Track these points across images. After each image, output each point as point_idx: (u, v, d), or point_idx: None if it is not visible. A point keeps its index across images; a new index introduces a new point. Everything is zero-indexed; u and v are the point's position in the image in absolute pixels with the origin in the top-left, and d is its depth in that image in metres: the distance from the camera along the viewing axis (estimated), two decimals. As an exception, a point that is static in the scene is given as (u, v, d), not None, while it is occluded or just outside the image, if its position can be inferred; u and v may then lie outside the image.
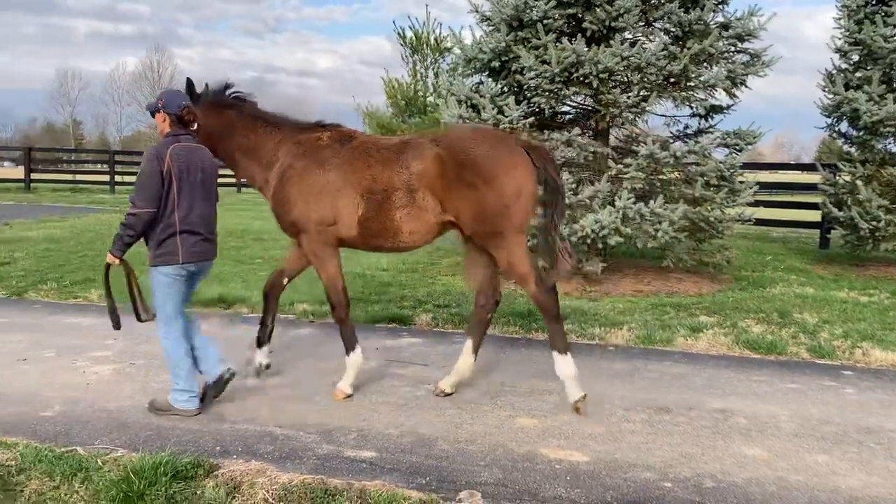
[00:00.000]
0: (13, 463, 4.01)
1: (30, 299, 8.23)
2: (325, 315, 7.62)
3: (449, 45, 17.47)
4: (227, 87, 5.44)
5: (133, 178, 29.42)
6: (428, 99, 17.75)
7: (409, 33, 17.73)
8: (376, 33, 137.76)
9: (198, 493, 3.74)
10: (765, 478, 3.97)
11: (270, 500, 3.69)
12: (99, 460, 4.02)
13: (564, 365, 4.92)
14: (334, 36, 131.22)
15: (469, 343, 5.32)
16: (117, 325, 4.88)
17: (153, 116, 4.93)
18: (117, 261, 4.73)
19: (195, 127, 4.98)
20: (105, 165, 28.98)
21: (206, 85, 5.41)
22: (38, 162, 29.04)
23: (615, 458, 4.20)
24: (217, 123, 5.30)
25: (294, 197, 5.13)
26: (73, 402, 4.95)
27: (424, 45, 17.59)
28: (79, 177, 31.24)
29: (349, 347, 5.31)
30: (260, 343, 5.62)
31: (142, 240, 4.74)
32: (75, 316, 7.45)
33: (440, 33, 17.70)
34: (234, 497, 3.72)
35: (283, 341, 6.59)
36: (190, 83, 5.27)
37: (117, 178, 26.95)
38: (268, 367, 5.62)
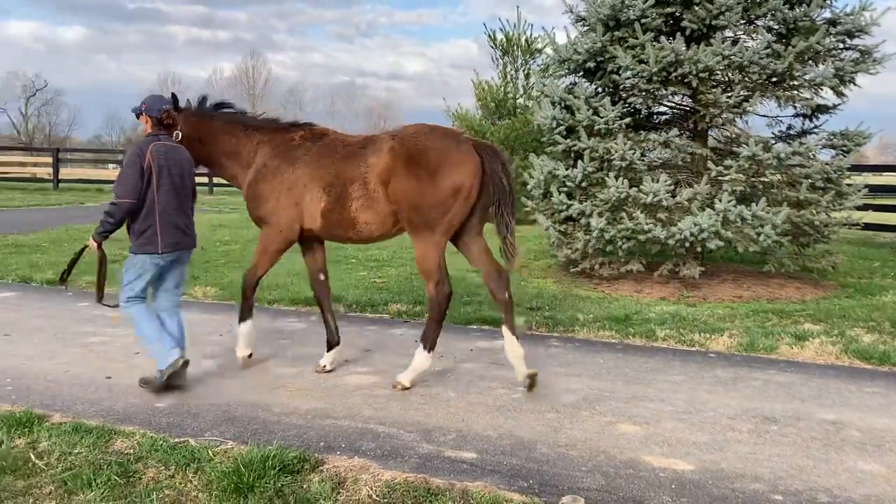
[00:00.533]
0: (132, 451, 4.19)
1: (139, 295, 8.61)
2: (419, 315, 7.70)
3: (539, 46, 17.40)
4: (205, 99, 6.01)
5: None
6: (518, 101, 17.67)
7: (500, 35, 17.70)
8: (465, 36, 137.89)
9: (304, 486, 3.83)
10: (885, 495, 3.78)
11: (374, 496, 3.74)
12: (210, 451, 4.17)
13: (423, 359, 5.35)
14: (424, 39, 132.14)
15: (506, 329, 5.40)
16: (100, 300, 5.45)
17: (137, 118, 5.41)
18: (96, 246, 5.20)
19: (179, 132, 5.59)
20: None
21: (201, 99, 6.02)
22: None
23: (721, 467, 4.08)
24: (201, 131, 5.79)
25: (268, 193, 5.56)
26: (184, 394, 5.15)
27: (515, 47, 17.53)
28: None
29: (241, 320, 5.74)
30: (329, 346, 5.86)
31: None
32: (185, 311, 7.74)
33: (531, 35, 17.61)
34: (338, 492, 3.79)
35: (378, 341, 6.69)
36: (174, 97, 5.77)
37: (215, 179, 27.89)
38: (331, 370, 5.79)
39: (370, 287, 9.24)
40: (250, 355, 5.74)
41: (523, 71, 17.74)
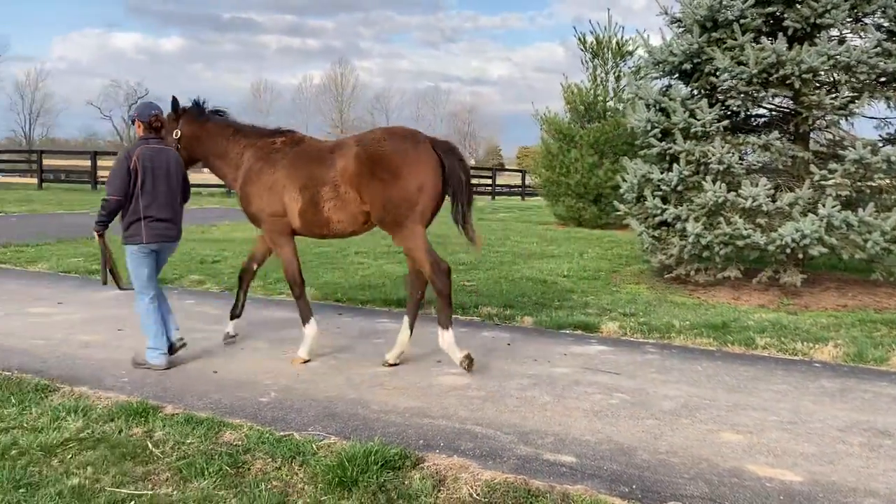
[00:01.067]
0: (240, 443, 4.36)
1: (239, 294, 8.92)
2: (509, 319, 7.71)
3: (630, 48, 17.17)
4: (201, 103, 6.55)
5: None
6: (608, 103, 17.48)
7: (590, 38, 17.55)
8: (550, 40, 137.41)
9: (405, 483, 3.90)
10: None
11: (475, 495, 3.78)
12: (314, 445, 4.29)
13: (446, 338, 5.77)
14: (509, 43, 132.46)
15: (407, 317, 6.10)
16: (104, 282, 6.06)
17: (133, 124, 6.03)
18: (97, 235, 5.84)
19: (180, 131, 6.35)
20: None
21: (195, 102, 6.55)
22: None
23: (832, 480, 3.94)
24: (195, 132, 6.39)
25: (253, 195, 6.08)
26: (286, 390, 5.32)
27: (605, 50, 17.35)
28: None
29: (305, 320, 6.09)
30: (232, 316, 6.59)
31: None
32: (280, 311, 8.01)
33: (622, 37, 17.40)
34: (439, 490, 3.84)
35: (470, 344, 6.73)
36: (174, 100, 6.46)
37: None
38: (234, 336, 6.58)
39: (459, 290, 9.30)
40: (306, 361, 6.02)
41: (613, 73, 17.54)
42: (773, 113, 9.92)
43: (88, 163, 30.74)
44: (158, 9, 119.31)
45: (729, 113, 9.53)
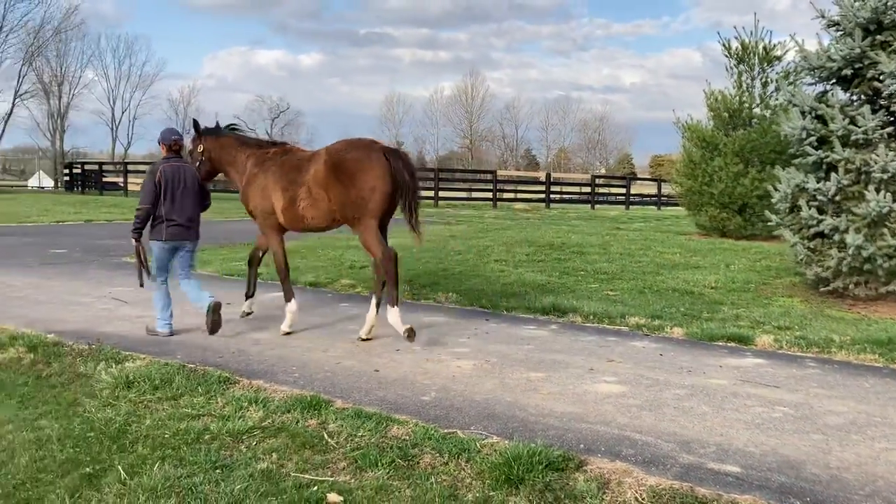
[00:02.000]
0: (408, 438, 4.60)
1: (389, 299, 9.29)
2: (658, 329, 7.65)
3: (779, 53, 16.52)
4: (219, 124, 7.90)
5: (455, 194, 31.62)
6: (754, 110, 16.87)
7: (735, 43, 17.00)
8: (685, 45, 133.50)
9: (570, 484, 4.00)
10: None
11: (640, 499, 3.83)
12: (477, 443, 4.47)
13: (393, 314, 6.69)
14: (641, 50, 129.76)
15: (374, 298, 7.12)
16: (141, 285, 7.14)
17: (160, 145, 7.26)
18: (135, 241, 6.99)
19: (202, 145, 7.64)
20: (429, 182, 31.55)
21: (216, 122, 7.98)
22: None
23: None
24: (214, 146, 7.66)
25: (250, 196, 7.29)
26: (445, 390, 5.54)
27: (751, 55, 16.76)
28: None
29: (287, 300, 7.31)
30: (247, 297, 7.81)
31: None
32: (429, 315, 8.28)
33: (769, 42, 16.76)
34: (604, 493, 3.92)
35: (622, 352, 6.74)
36: (195, 122, 7.93)
37: (440, 192, 29.25)
38: (250, 313, 7.77)
39: (604, 298, 9.30)
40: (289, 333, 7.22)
41: (760, 79, 16.92)
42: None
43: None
44: (299, 26, 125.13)
45: (893, 119, 9.05)
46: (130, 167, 40.36)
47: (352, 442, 4.55)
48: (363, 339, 6.95)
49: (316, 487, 3.98)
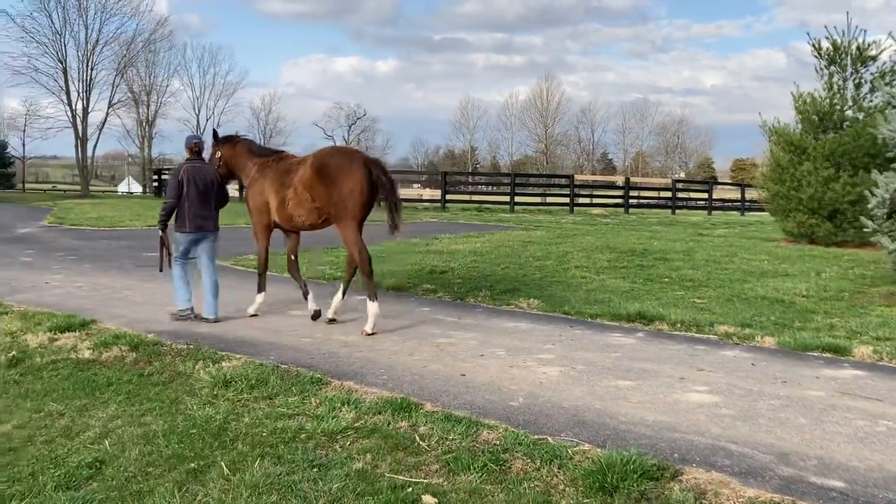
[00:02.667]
0: (499, 442, 4.62)
1: (470, 303, 9.35)
2: (749, 338, 7.46)
3: (873, 52, 15.90)
4: (237, 134, 8.95)
5: (530, 199, 31.53)
6: (846, 112, 16.26)
7: (826, 43, 16.41)
8: (769, 46, 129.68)
9: (665, 493, 3.95)
10: None
11: (739, 512, 3.75)
12: (569, 450, 4.46)
13: (372, 306, 7.47)
14: (723, 52, 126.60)
15: (343, 284, 8.16)
16: (160, 269, 8.28)
17: (186, 149, 8.31)
18: (161, 231, 8.08)
19: (219, 155, 8.60)
20: (505, 187, 31.57)
21: (237, 132, 9.14)
22: (450, 184, 32.72)
23: None
24: (229, 153, 8.62)
25: (252, 197, 8.23)
26: (532, 396, 5.55)
27: (844, 55, 16.16)
28: (483, 197, 34.55)
29: (259, 291, 8.44)
30: (305, 296, 8.28)
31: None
32: (512, 321, 8.29)
33: (863, 41, 16.12)
34: (700, 503, 3.86)
35: (712, 361, 6.61)
36: (214, 132, 9.11)
37: (517, 198, 29.18)
38: (319, 309, 8.13)
39: (690, 306, 9.12)
40: (317, 312, 8.08)
41: (853, 80, 16.29)
42: None
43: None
44: (376, 33, 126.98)
45: None
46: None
47: (443, 445, 4.60)
48: (329, 321, 8.00)
49: (411, 489, 4.04)
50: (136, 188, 72.68)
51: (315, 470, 4.24)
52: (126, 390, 5.68)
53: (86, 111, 46.65)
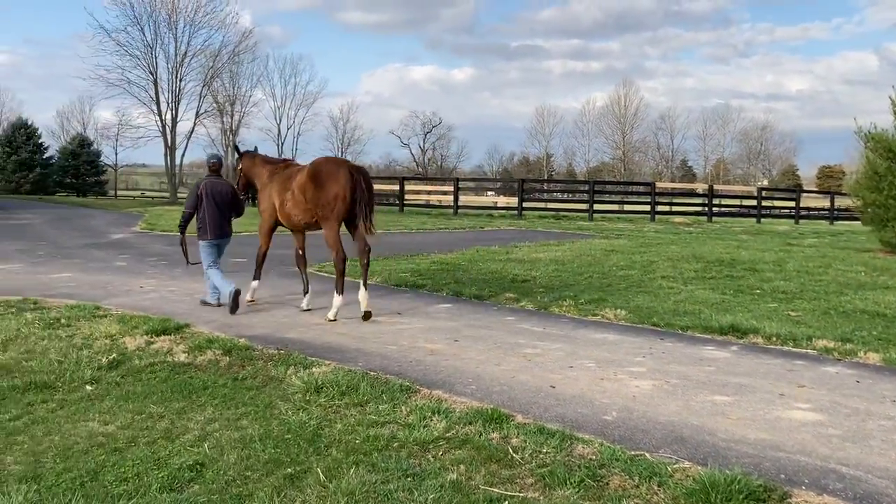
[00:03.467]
0: (594, 457, 4.52)
1: (555, 313, 9.23)
2: (850, 354, 7.12)
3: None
4: (256, 148, 10.25)
5: (608, 207, 31.10)
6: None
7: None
8: (860, 48, 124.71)
9: (774, 517, 3.78)
10: None
11: (856, 539, 3.56)
12: (668, 468, 4.32)
13: (337, 298, 8.50)
14: (810, 55, 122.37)
15: (361, 283, 8.65)
16: (188, 263, 9.57)
17: (206, 165, 9.78)
18: (180, 234, 9.52)
19: (240, 168, 9.85)
20: (583, 195, 31.20)
21: (255, 147, 10.35)
22: (526, 191, 32.56)
23: None
24: (249, 165, 9.76)
25: (262, 199, 9.42)
26: (626, 410, 5.41)
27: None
28: (559, 204, 34.23)
29: (254, 278, 9.62)
30: (305, 293, 9.31)
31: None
32: (599, 332, 8.14)
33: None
34: (813, 528, 3.68)
35: (813, 378, 6.33)
36: (236, 147, 10.71)
37: (595, 206, 28.78)
38: (309, 309, 9.05)
39: (785, 319, 8.78)
40: (251, 301, 9.39)
41: (958, 83, 15.42)
42: None
43: (396, 187, 33.64)
44: (453, 41, 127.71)
45: None
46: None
47: (537, 458, 4.53)
48: (304, 310, 9.00)
49: (507, 502, 3.99)
50: (220, 195, 74.74)
51: (409, 479, 4.23)
52: (221, 394, 5.81)
53: (174, 121, 48.35)
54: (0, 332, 7.71)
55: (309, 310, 9.01)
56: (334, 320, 8.39)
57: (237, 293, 8.78)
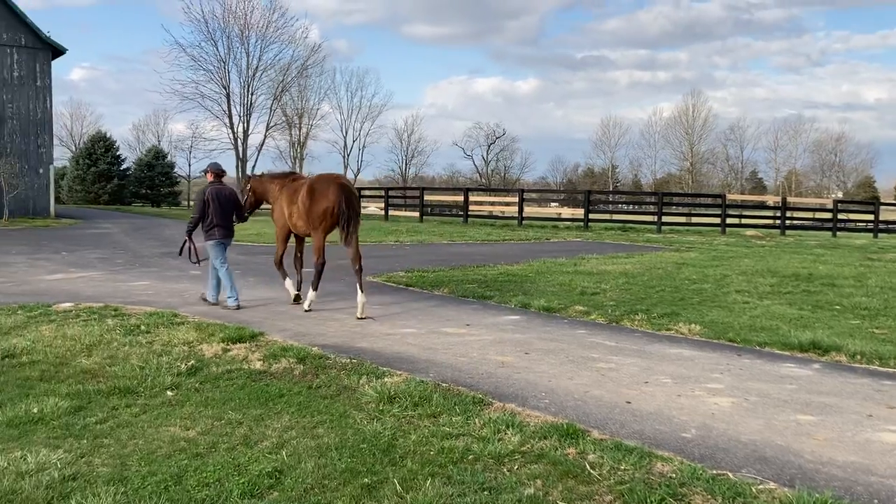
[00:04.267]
0: (674, 476, 4.41)
1: (626, 327, 9.08)
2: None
3: None
4: (263, 174, 11.70)
5: (676, 219, 30.47)
6: None
7: None
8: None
9: (868, 544, 3.62)
10: None
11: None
12: (753, 489, 4.19)
13: (311, 293, 9.79)
14: (889, 63, 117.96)
15: (358, 286, 9.52)
16: (197, 261, 10.34)
17: (205, 174, 10.66)
18: (187, 236, 10.33)
19: (249, 188, 11.03)
20: (648, 206, 30.68)
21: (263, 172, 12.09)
22: (592, 203, 32.19)
23: None
24: (257, 184, 11.06)
25: (275, 210, 10.57)
26: (706, 427, 5.27)
27: None
28: (625, 216, 33.76)
29: (283, 278, 10.79)
30: (298, 288, 10.60)
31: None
32: (673, 347, 7.97)
33: None
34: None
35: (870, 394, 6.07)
36: (246, 175, 13.00)
37: (664, 217, 28.26)
38: (302, 301, 10.16)
39: (869, 337, 8.45)
40: (297, 297, 10.44)
41: None
42: None
43: (460, 198, 33.69)
44: (518, 53, 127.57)
45: None
46: (366, 192, 43.15)
47: (615, 475, 4.45)
48: (360, 318, 9.35)
49: (585, 519, 3.92)
50: (286, 206, 76.28)
51: (486, 493, 4.20)
52: (297, 402, 5.89)
53: (246, 133, 49.46)
54: (84, 338, 7.99)
55: (309, 309, 9.82)
56: (309, 310, 9.71)
57: (238, 307, 9.87)
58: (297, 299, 10.34)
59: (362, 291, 9.46)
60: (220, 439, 5.10)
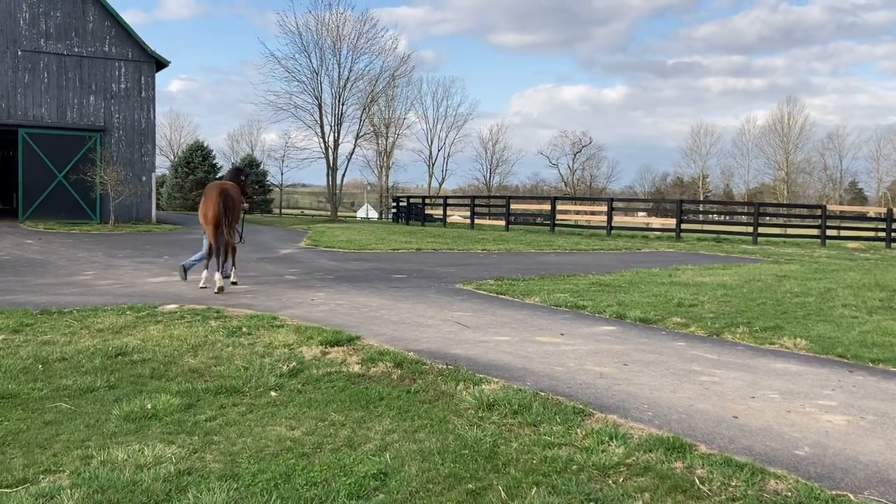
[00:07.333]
0: (790, 494, 4.23)
1: (728, 340, 8.80)
2: None
3: None
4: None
5: (771, 230, 29.39)
6: None
7: None
8: None
9: None
10: None
11: None
12: (878, 512, 3.98)
13: (205, 273, 12.65)
14: None
15: (219, 269, 12.26)
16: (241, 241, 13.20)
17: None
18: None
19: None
20: (740, 217, 29.73)
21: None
22: (684, 213, 31.44)
23: None
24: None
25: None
26: (820, 446, 5.05)
27: None
28: (717, 227, 32.82)
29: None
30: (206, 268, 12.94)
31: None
32: (779, 361, 7.67)
33: None
34: None
35: None
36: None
37: (760, 229, 27.36)
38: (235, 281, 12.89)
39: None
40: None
41: None
42: None
43: (547, 207, 33.50)
44: (606, 60, 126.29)
45: None
46: (451, 201, 43.43)
47: (726, 491, 4.30)
48: (202, 287, 12.34)
49: (698, 536, 3.80)
50: (373, 214, 77.66)
51: (593, 504, 4.13)
52: (397, 406, 5.94)
53: (336, 143, 50.58)
54: (190, 338, 8.29)
55: (205, 287, 12.31)
56: (205, 287, 12.31)
57: (184, 270, 13.31)
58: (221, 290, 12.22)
59: (220, 273, 12.10)
60: (325, 440, 5.19)
